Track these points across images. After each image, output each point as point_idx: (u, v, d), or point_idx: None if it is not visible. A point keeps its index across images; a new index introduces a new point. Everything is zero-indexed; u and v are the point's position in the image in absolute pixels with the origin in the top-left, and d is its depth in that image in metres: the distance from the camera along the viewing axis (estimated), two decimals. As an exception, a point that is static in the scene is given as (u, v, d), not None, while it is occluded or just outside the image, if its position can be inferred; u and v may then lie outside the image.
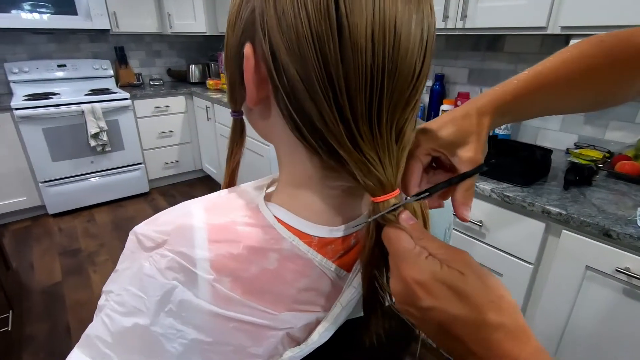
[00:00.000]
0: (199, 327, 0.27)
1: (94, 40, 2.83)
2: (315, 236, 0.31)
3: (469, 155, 0.32)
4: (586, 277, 0.91)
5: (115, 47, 2.88)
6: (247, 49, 0.27)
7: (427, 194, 0.30)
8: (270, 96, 0.29)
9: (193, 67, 3.09)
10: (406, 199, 0.29)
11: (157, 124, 2.82)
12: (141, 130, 2.74)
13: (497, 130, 1.46)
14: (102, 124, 2.44)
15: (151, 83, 3.02)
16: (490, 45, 1.51)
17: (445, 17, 1.31)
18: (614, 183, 1.06)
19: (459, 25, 1.29)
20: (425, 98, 1.80)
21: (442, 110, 1.66)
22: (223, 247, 0.28)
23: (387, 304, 0.31)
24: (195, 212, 0.30)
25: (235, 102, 0.33)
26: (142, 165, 2.80)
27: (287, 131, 0.29)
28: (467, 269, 0.25)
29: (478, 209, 1.11)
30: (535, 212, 0.95)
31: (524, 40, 1.39)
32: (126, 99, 2.55)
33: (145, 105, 2.71)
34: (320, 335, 0.31)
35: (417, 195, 0.29)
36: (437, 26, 1.38)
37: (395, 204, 0.27)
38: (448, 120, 0.34)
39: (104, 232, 2.36)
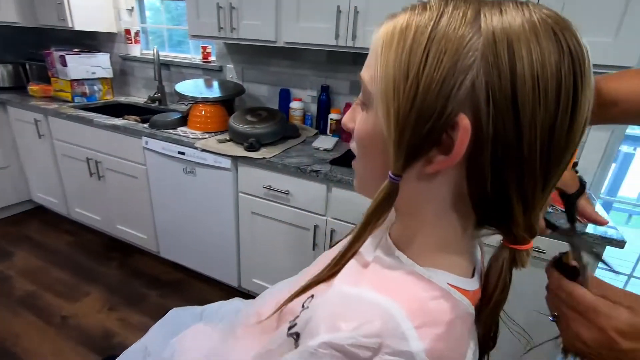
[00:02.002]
0: None
1: None
2: (470, 290, 0.32)
3: (566, 175, 0.39)
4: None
5: None
6: (465, 120, 0.26)
7: (573, 223, 0.35)
8: (455, 163, 0.28)
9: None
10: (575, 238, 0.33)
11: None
12: None
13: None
14: None
15: None
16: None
17: (337, 36, 1.42)
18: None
19: (350, 43, 1.42)
20: (313, 107, 1.91)
21: (331, 118, 1.80)
22: (429, 331, 0.27)
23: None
24: (380, 300, 0.28)
25: (406, 166, 0.30)
26: None
27: (446, 195, 0.30)
28: None
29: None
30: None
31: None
32: None
33: None
34: None
35: (566, 234, 0.34)
36: (329, 42, 1.48)
37: (565, 252, 0.32)
38: None
39: None
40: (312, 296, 0.37)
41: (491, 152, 0.27)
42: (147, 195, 1.88)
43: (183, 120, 1.80)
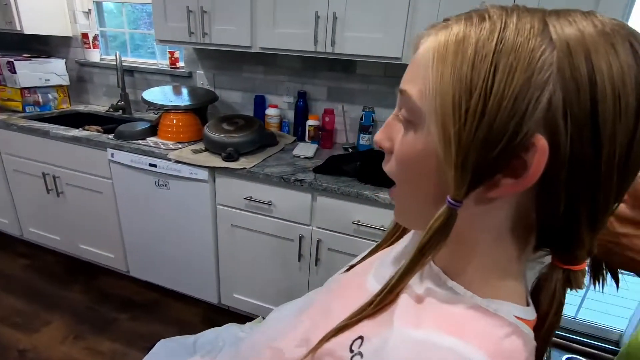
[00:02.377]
0: None
1: None
2: (531, 320, 0.30)
3: None
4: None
5: None
6: (542, 141, 0.24)
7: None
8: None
9: None
10: None
11: None
12: None
13: (361, 141, 1.68)
14: None
15: None
16: (344, 67, 1.71)
17: (316, 42, 1.40)
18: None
19: (329, 49, 1.40)
20: (290, 114, 1.87)
21: (309, 125, 1.77)
22: None
23: None
24: (454, 345, 0.25)
25: (470, 192, 0.27)
26: None
27: (505, 220, 0.28)
28: None
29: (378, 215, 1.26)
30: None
31: (373, 65, 1.65)
32: None
33: None
34: None
35: None
36: (308, 48, 1.45)
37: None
38: None
39: None
40: (361, 338, 0.33)
41: (567, 172, 0.25)
42: (113, 211, 1.75)
43: (152, 130, 1.69)
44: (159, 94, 1.77)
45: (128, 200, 1.70)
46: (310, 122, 1.76)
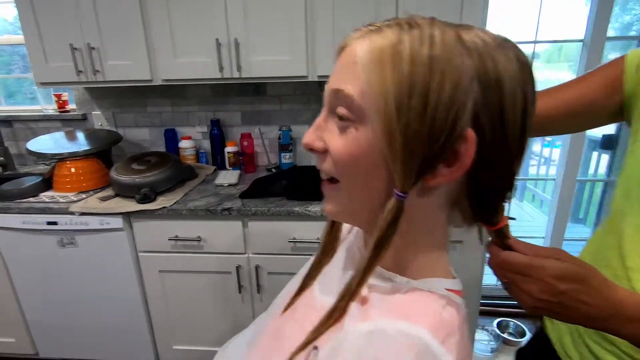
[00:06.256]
0: None
1: None
2: (460, 290, 0.33)
3: None
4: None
5: None
6: (471, 133, 0.27)
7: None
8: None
9: None
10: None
11: None
12: None
13: (283, 160, 1.69)
14: None
15: None
16: (255, 90, 1.72)
17: (221, 68, 1.38)
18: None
19: (236, 75, 1.40)
20: (206, 144, 1.80)
21: (227, 152, 1.72)
22: (451, 340, 0.28)
23: None
24: (403, 327, 0.27)
25: (415, 183, 0.29)
26: None
27: (444, 206, 0.32)
28: (569, 257, 0.37)
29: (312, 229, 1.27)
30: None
31: (282, 85, 1.69)
32: None
33: None
34: None
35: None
36: (214, 76, 1.43)
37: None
38: None
39: None
40: (316, 348, 0.32)
41: (490, 157, 0.29)
42: (7, 286, 1.47)
43: (46, 184, 1.48)
44: (49, 143, 1.57)
45: (24, 270, 1.44)
46: (229, 148, 1.72)
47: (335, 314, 0.33)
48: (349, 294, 0.32)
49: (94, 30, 1.38)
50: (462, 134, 0.27)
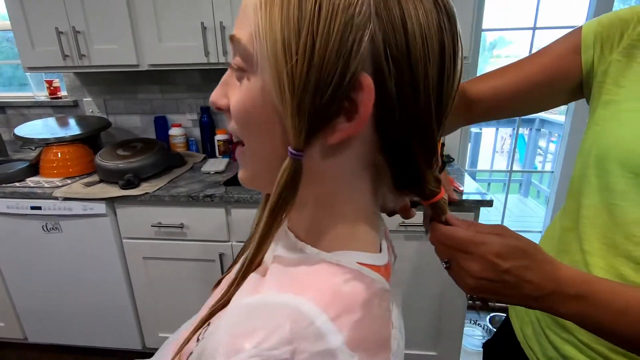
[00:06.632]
0: None
1: None
2: (381, 265, 0.30)
3: None
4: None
5: None
6: (368, 79, 0.23)
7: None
8: (362, 128, 0.26)
9: None
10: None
11: None
12: None
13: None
14: None
15: None
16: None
17: (207, 53, 1.36)
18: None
19: (222, 59, 1.37)
20: (197, 132, 1.78)
21: (217, 140, 1.70)
22: (347, 319, 0.24)
23: None
24: (286, 299, 0.24)
25: (309, 138, 0.25)
26: None
27: (355, 170, 0.28)
28: (513, 233, 0.34)
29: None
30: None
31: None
32: None
33: None
34: None
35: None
36: (200, 60, 1.40)
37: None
38: None
39: None
40: (209, 324, 0.30)
41: (397, 112, 0.25)
42: (-6, 271, 1.48)
43: (32, 169, 1.47)
44: (39, 128, 1.56)
45: (12, 254, 1.45)
46: (219, 136, 1.70)
47: (232, 288, 0.30)
48: (244, 266, 0.30)
49: (79, 13, 1.36)
50: (357, 80, 0.24)
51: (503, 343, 0.64)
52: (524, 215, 3.19)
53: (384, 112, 0.25)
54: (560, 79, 0.52)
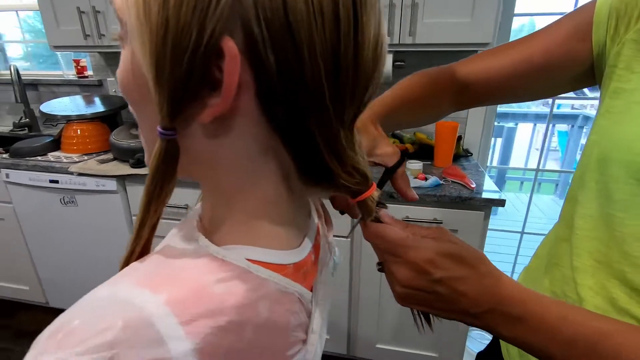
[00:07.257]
0: None
1: None
2: (289, 264, 0.27)
3: (389, 150, 0.37)
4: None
5: None
6: (230, 43, 0.19)
7: (381, 189, 0.31)
8: (243, 105, 0.22)
9: None
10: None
11: None
12: None
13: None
14: None
15: None
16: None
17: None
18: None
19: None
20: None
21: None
22: (205, 323, 0.21)
23: None
24: (136, 295, 0.21)
25: (174, 115, 0.22)
26: None
27: (253, 154, 0.24)
28: (452, 238, 0.29)
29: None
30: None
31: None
32: None
33: None
34: None
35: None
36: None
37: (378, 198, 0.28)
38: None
39: None
40: None
41: (278, 85, 0.21)
42: (20, 238, 1.58)
43: (55, 144, 1.54)
44: (66, 105, 1.63)
45: (34, 223, 1.54)
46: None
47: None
48: (124, 258, 0.27)
49: (100, -7, 1.39)
50: (219, 46, 0.20)
51: (496, 355, 0.58)
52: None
53: (263, 85, 0.21)
54: (566, 61, 0.44)
